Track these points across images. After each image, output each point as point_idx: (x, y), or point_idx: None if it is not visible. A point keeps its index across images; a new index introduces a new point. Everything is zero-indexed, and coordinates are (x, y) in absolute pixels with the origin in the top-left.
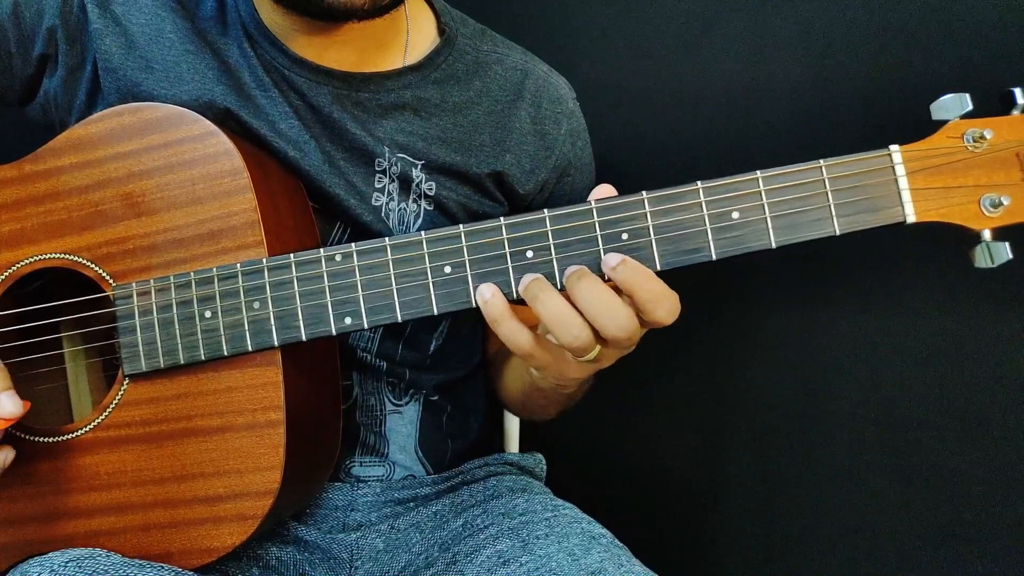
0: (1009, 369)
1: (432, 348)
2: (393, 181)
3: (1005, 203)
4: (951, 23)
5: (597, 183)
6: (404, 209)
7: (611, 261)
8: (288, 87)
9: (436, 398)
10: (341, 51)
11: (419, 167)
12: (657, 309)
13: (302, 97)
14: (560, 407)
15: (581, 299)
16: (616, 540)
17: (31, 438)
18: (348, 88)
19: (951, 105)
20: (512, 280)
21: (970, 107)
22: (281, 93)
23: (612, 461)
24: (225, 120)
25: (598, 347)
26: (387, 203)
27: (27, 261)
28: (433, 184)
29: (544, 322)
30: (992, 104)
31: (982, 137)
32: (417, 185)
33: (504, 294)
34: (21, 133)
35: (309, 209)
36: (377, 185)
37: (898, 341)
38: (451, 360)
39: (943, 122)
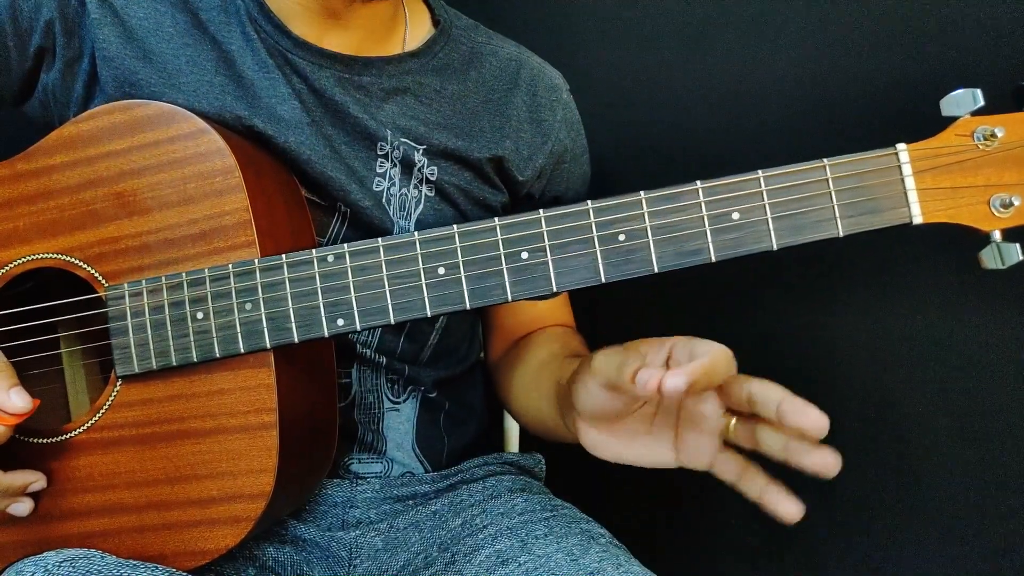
0: (1009, 369)
1: (430, 341)
2: (395, 166)
3: (1016, 203)
4: (960, 16)
5: (595, 182)
6: (405, 195)
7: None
8: (291, 70)
9: (434, 395)
10: (342, 36)
11: (421, 151)
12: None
13: (304, 80)
14: None
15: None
16: (615, 540)
17: (25, 438)
18: (350, 72)
19: (962, 100)
20: (507, 282)
21: (981, 103)
22: (283, 76)
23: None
24: (221, 112)
25: None
26: (388, 188)
27: (19, 261)
28: (435, 169)
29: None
30: (1004, 100)
31: (993, 135)
32: (419, 170)
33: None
34: (20, 132)
35: (305, 206)
36: (379, 170)
37: (899, 341)
38: (450, 355)
39: (952, 119)
